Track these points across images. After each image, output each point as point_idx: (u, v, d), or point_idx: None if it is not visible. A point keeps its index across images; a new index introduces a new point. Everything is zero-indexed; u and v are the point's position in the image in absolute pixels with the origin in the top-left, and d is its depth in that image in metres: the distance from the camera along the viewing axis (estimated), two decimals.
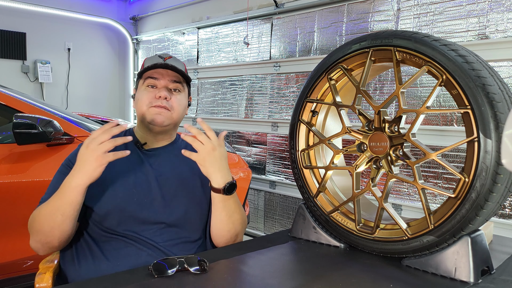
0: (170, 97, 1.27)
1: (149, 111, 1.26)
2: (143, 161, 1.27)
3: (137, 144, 1.29)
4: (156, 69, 1.26)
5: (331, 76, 1.23)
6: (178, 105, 1.29)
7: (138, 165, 1.26)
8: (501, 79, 1.00)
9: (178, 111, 1.30)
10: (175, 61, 1.31)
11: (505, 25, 2.34)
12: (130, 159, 1.25)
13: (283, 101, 3.61)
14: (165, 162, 1.30)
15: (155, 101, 1.25)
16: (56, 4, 5.04)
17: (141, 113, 1.27)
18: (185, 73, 1.30)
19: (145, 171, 1.25)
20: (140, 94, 1.28)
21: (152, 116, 1.25)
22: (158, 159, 1.30)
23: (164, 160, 1.30)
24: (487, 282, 0.97)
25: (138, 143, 1.30)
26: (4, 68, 4.72)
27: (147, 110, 1.26)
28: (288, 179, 3.58)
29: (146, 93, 1.27)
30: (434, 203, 2.55)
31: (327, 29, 3.28)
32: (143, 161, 1.27)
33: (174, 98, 1.28)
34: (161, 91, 1.26)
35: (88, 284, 0.96)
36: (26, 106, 2.20)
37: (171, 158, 1.31)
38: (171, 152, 1.33)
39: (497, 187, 0.92)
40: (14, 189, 2.00)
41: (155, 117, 1.25)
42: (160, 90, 1.26)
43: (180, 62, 1.33)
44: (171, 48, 4.97)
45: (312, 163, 1.31)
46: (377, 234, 1.12)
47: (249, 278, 0.98)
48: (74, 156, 1.22)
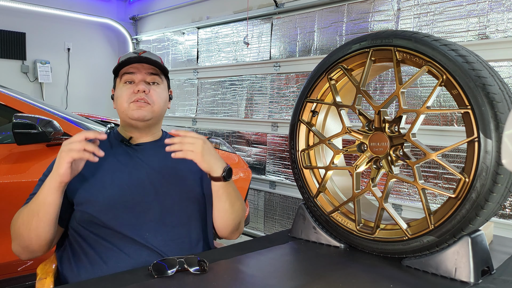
0: (149, 90, 1.26)
1: (129, 107, 1.25)
2: (131, 156, 1.27)
3: (123, 142, 1.29)
4: (131, 64, 1.26)
5: (331, 76, 1.23)
6: (158, 98, 1.28)
7: (127, 160, 1.26)
8: (501, 79, 1.00)
9: (159, 103, 1.29)
10: (150, 54, 1.30)
11: (505, 25, 2.34)
12: (117, 157, 1.26)
13: (283, 101, 3.61)
14: (154, 155, 1.29)
15: (134, 96, 1.24)
16: (56, 4, 5.04)
17: (122, 111, 1.27)
18: (161, 64, 1.29)
19: (134, 164, 1.25)
20: (119, 92, 1.28)
21: (133, 112, 1.24)
22: (146, 152, 1.29)
23: (153, 153, 1.30)
24: (487, 282, 0.97)
25: (124, 140, 1.29)
26: (4, 68, 4.72)
27: (127, 106, 1.25)
28: (288, 179, 3.58)
29: (124, 90, 1.26)
30: (434, 203, 2.54)
31: (327, 29, 3.28)
32: (131, 156, 1.27)
33: (153, 91, 1.27)
34: (138, 85, 1.25)
35: (88, 284, 0.96)
36: (26, 106, 2.19)
37: (159, 153, 1.30)
38: (160, 147, 1.32)
39: (497, 187, 0.92)
40: (14, 189, 2.00)
41: (136, 113, 1.24)
42: (138, 84, 1.25)
43: (155, 55, 1.33)
44: (171, 48, 4.97)
45: (312, 163, 1.31)
46: (377, 234, 1.12)
47: (249, 278, 0.98)
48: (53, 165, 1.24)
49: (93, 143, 1.08)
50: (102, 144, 1.29)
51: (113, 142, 1.30)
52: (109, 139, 1.32)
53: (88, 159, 1.07)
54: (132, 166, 1.25)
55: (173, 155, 1.14)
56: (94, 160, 1.07)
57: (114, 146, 1.29)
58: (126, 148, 1.28)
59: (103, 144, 1.29)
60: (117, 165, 1.24)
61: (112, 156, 1.26)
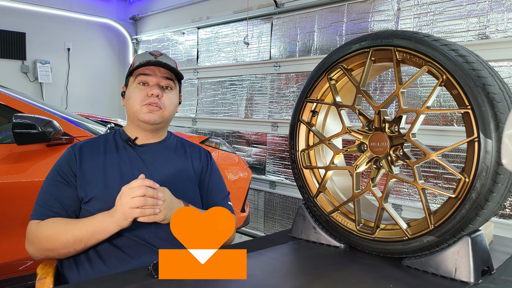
0: (162, 94, 1.26)
1: (141, 110, 1.25)
2: (135, 156, 1.27)
3: (128, 142, 1.29)
4: (147, 66, 1.26)
5: (331, 76, 1.23)
6: (169, 103, 1.29)
7: (131, 161, 1.26)
8: (501, 79, 1.00)
9: (170, 109, 1.29)
10: (167, 58, 1.31)
11: (505, 25, 2.34)
12: (121, 157, 1.26)
13: (283, 101, 3.61)
14: (157, 156, 1.30)
15: (147, 99, 1.25)
16: (56, 4, 5.04)
17: (133, 111, 1.27)
18: (177, 70, 1.29)
19: (137, 165, 1.26)
20: (132, 92, 1.28)
21: (144, 115, 1.25)
22: (151, 154, 1.30)
23: (156, 154, 1.31)
24: (487, 282, 0.97)
25: (130, 140, 1.30)
26: (4, 68, 4.72)
27: (139, 108, 1.25)
28: (288, 179, 3.58)
29: (137, 91, 1.26)
30: (434, 203, 2.54)
31: (327, 29, 3.28)
32: (135, 156, 1.27)
33: (166, 96, 1.28)
34: (153, 88, 1.25)
35: (88, 284, 0.96)
36: (26, 106, 2.19)
37: (164, 153, 1.32)
38: (164, 148, 1.34)
39: (497, 187, 0.92)
40: (14, 189, 2.00)
41: (147, 116, 1.25)
42: (152, 87, 1.26)
43: (171, 59, 1.33)
44: (170, 48, 4.97)
45: (312, 163, 1.31)
46: (377, 234, 1.12)
47: (249, 278, 0.98)
48: (63, 162, 1.25)
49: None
50: (108, 143, 1.30)
51: (118, 142, 1.30)
52: (115, 138, 1.32)
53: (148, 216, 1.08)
54: (134, 167, 1.25)
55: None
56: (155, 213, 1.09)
57: (119, 145, 1.29)
58: (130, 148, 1.29)
59: (108, 143, 1.30)
60: (121, 166, 1.24)
61: (116, 156, 1.26)
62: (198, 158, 1.39)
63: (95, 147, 1.28)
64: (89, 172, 1.22)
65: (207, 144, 2.73)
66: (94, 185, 1.20)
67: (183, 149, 1.38)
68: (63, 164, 1.23)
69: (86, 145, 1.29)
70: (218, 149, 2.78)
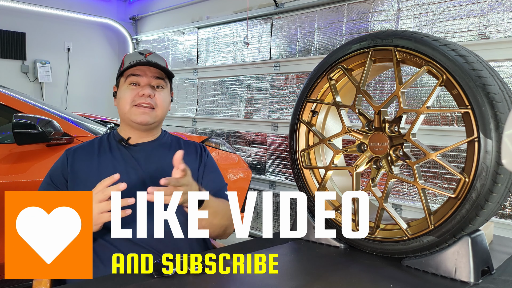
0: (154, 94, 1.26)
1: (133, 110, 1.25)
2: (129, 156, 1.27)
3: (121, 142, 1.30)
4: (138, 66, 1.25)
5: (331, 76, 1.23)
6: (162, 102, 1.29)
7: (125, 161, 1.26)
8: (501, 79, 1.00)
9: (162, 108, 1.30)
10: (156, 57, 1.30)
11: (505, 25, 2.34)
12: (115, 157, 1.26)
13: (283, 101, 3.61)
14: (151, 156, 1.30)
15: (139, 99, 1.25)
16: (55, 4, 5.04)
17: (124, 112, 1.27)
18: (167, 69, 1.29)
19: (131, 165, 1.26)
20: (123, 93, 1.27)
21: (136, 116, 1.25)
22: (144, 153, 1.30)
23: (150, 153, 1.30)
24: (487, 282, 0.97)
25: (123, 140, 1.30)
26: (4, 68, 4.72)
27: (130, 109, 1.25)
28: (288, 179, 3.58)
29: (129, 91, 1.26)
30: (434, 203, 2.54)
31: (327, 29, 3.28)
32: (128, 156, 1.27)
33: (158, 95, 1.28)
34: (144, 89, 1.25)
35: (87, 284, 0.95)
36: (26, 106, 2.19)
37: (158, 152, 1.31)
38: (158, 146, 1.33)
39: (497, 187, 0.92)
40: (14, 189, 2.00)
41: (139, 118, 1.25)
42: (144, 88, 1.25)
43: (161, 57, 1.33)
44: (170, 48, 4.97)
45: (312, 163, 1.31)
46: (377, 235, 1.12)
47: (249, 278, 0.98)
48: (56, 167, 1.26)
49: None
50: (102, 144, 1.30)
51: (111, 143, 1.31)
52: (109, 139, 1.32)
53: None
54: (129, 167, 1.25)
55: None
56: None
57: (112, 146, 1.30)
58: (124, 149, 1.29)
59: (102, 144, 1.30)
60: (115, 166, 1.24)
61: (110, 156, 1.26)
62: (194, 153, 1.39)
63: (90, 149, 1.29)
64: (83, 173, 1.22)
65: (207, 144, 2.73)
66: (88, 186, 1.19)
67: (178, 146, 1.38)
68: (55, 169, 1.26)
69: (81, 148, 1.30)
70: (218, 149, 2.78)
